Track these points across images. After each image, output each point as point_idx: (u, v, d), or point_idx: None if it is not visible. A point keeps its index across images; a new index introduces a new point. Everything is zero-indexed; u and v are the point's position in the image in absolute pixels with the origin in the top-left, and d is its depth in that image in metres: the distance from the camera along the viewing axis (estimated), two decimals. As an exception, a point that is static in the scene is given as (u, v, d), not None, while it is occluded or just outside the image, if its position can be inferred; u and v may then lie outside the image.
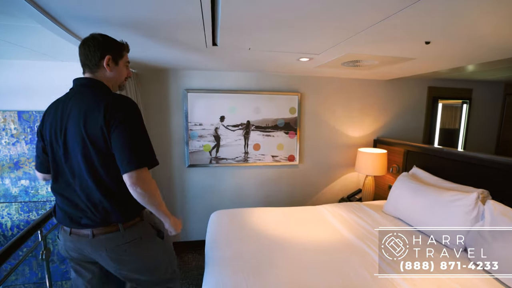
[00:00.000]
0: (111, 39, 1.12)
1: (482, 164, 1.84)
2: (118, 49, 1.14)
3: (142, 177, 1.02)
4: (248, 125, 2.74)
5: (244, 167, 2.82)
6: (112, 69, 1.12)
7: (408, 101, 3.09)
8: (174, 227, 1.21)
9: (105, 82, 1.13)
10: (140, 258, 1.16)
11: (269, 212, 2.18)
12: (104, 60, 1.09)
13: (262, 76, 2.72)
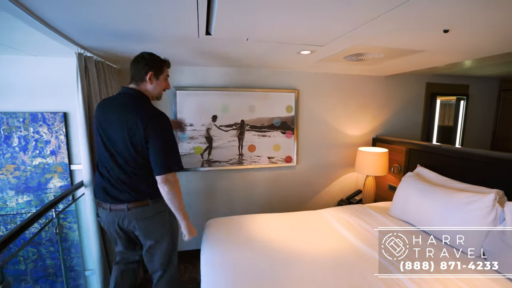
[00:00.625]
0: (155, 57, 1.40)
1: (492, 163, 1.74)
2: (160, 66, 1.41)
3: (169, 179, 1.32)
4: (243, 125, 2.56)
5: (238, 170, 2.63)
6: (152, 82, 1.40)
7: (406, 98, 3.00)
8: (188, 231, 1.43)
9: (146, 93, 1.40)
10: (158, 226, 1.43)
11: (269, 219, 2.01)
12: (147, 75, 1.37)
13: (257, 73, 2.54)
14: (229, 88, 2.48)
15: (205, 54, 1.91)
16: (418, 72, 2.79)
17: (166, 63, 1.45)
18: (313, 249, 1.62)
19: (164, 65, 1.44)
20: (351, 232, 1.80)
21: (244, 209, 2.70)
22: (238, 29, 1.32)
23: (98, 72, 1.77)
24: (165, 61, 1.44)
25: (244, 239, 1.72)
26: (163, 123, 1.33)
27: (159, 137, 1.29)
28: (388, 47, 1.63)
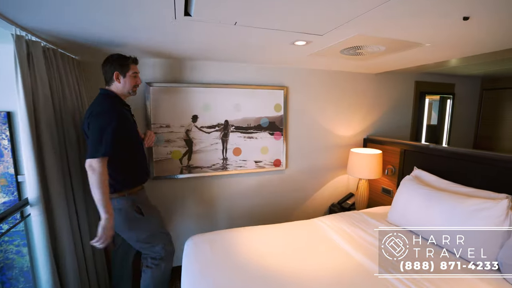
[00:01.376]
0: (119, 57, 1.50)
1: (496, 165, 1.64)
2: (124, 64, 1.49)
3: (91, 165, 1.31)
4: (227, 126, 2.29)
5: (222, 176, 2.37)
6: (120, 81, 1.50)
7: (396, 97, 2.90)
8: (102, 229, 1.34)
9: (116, 91, 1.52)
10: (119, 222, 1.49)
11: (259, 233, 1.77)
12: (114, 75, 1.49)
13: (243, 68, 2.29)
14: (212, 84, 2.20)
15: (184, 44, 1.63)
16: (407, 70, 2.70)
17: (131, 59, 1.52)
18: (312, 268, 1.40)
19: (129, 62, 1.51)
20: (352, 246, 1.61)
21: (229, 220, 2.44)
22: (225, 9, 1.07)
23: (48, 61, 1.43)
24: (129, 58, 1.51)
25: (233, 262, 1.46)
26: (102, 119, 1.37)
27: (92, 128, 1.36)
28: (395, 38, 1.45)
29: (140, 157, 1.62)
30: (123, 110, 1.50)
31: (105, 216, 1.32)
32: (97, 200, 1.31)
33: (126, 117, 1.50)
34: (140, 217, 1.52)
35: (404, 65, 2.31)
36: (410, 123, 3.01)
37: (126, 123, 1.48)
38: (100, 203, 1.31)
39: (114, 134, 1.36)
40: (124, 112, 1.50)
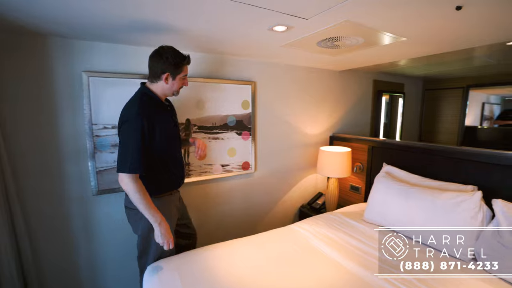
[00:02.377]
0: (175, 56, 1.31)
1: (458, 158, 1.71)
2: (177, 66, 1.32)
3: (122, 179, 1.23)
4: (189, 126, 1.97)
5: (185, 185, 2.03)
6: (168, 82, 1.34)
7: (357, 94, 2.95)
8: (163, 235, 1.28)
9: (158, 90, 1.37)
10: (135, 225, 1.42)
11: (236, 249, 1.52)
12: (164, 75, 1.32)
13: (206, 58, 1.99)
14: (169, 77, 1.86)
15: (132, 23, 1.28)
16: (367, 68, 2.77)
17: (186, 60, 1.35)
18: (302, 285, 1.22)
19: (183, 64, 1.35)
20: (340, 253, 1.48)
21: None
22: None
23: None
24: (184, 59, 1.34)
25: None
26: (128, 127, 1.26)
27: (120, 139, 1.30)
28: (379, 28, 1.36)
29: (172, 165, 1.45)
30: (155, 115, 1.31)
31: (155, 225, 1.27)
32: (140, 210, 1.25)
33: (156, 123, 1.30)
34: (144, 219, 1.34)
35: (369, 62, 2.33)
36: (369, 121, 3.11)
37: (156, 129, 1.30)
38: (144, 213, 1.26)
39: (140, 148, 1.23)
40: (155, 117, 1.31)
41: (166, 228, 1.29)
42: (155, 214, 1.26)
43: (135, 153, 1.22)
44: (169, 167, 1.42)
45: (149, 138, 1.27)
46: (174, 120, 1.49)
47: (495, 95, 3.51)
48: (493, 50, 2.19)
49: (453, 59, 2.52)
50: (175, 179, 1.48)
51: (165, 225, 1.29)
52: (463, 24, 1.32)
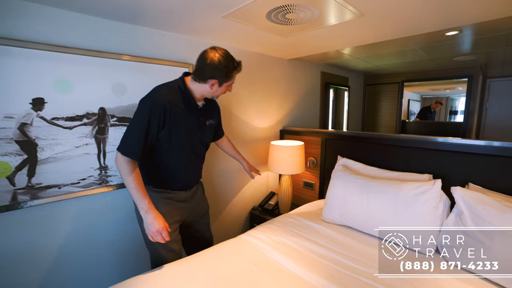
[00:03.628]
0: (228, 64, 1.20)
1: (415, 147, 1.65)
2: (227, 75, 1.22)
3: (117, 158, 1.17)
4: (103, 117, 1.48)
5: (100, 196, 1.53)
6: (213, 88, 1.25)
7: (306, 86, 2.81)
8: (149, 225, 1.15)
9: (198, 91, 1.28)
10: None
11: (176, 275, 1.12)
12: (210, 81, 1.22)
13: (128, 29, 1.52)
14: (73, 49, 1.34)
15: None
16: (314, 58, 2.66)
17: (238, 69, 1.26)
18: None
19: (234, 73, 1.26)
20: (305, 265, 1.22)
21: (119, 260, 1.63)
22: None
23: None
24: (236, 68, 1.25)
25: None
26: (141, 108, 1.19)
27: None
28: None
29: (176, 168, 1.32)
30: (175, 110, 1.22)
31: (142, 213, 1.15)
32: (130, 194, 1.16)
33: (172, 119, 1.21)
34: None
35: (319, 48, 2.17)
36: (318, 114, 3.02)
37: (167, 125, 1.20)
38: (133, 198, 1.16)
39: (142, 135, 1.16)
40: (173, 113, 1.21)
41: (154, 217, 1.15)
42: (143, 200, 1.15)
43: (136, 138, 1.16)
44: (171, 169, 1.31)
45: (157, 129, 1.18)
46: (202, 122, 1.36)
47: (416, 92, 3.85)
48: (429, 43, 2.27)
49: (391, 51, 2.58)
50: (174, 183, 1.34)
51: (153, 213, 1.15)
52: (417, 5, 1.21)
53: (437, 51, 2.53)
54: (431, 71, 3.38)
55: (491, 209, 1.18)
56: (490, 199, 1.21)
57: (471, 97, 3.30)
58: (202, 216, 1.56)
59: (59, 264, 1.41)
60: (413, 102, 3.84)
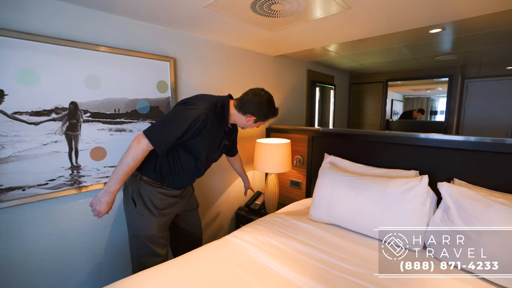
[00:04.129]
0: (269, 109, 1.37)
1: (400, 143, 1.64)
2: (265, 117, 1.38)
3: (139, 137, 1.19)
4: (75, 112, 1.37)
5: (72, 198, 1.41)
6: (248, 122, 1.38)
7: (292, 84, 2.78)
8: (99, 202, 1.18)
9: (234, 116, 1.39)
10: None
11: (159, 281, 1.03)
12: (249, 116, 1.35)
13: (103, 18, 1.41)
14: (40, 37, 1.22)
15: None
16: (300, 55, 2.63)
17: (275, 115, 1.42)
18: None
19: (270, 117, 1.41)
20: (292, 267, 1.16)
21: (105, 273, 1.52)
22: None
23: None
24: (274, 114, 1.41)
25: None
26: (186, 111, 1.23)
27: (171, 112, 1.27)
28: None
29: (187, 169, 1.36)
30: (211, 124, 1.28)
31: (105, 188, 1.17)
32: (115, 170, 1.17)
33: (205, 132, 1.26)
34: (132, 208, 1.31)
35: (305, 44, 2.13)
36: (305, 112, 2.99)
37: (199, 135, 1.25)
38: (113, 176, 1.17)
39: (176, 136, 1.21)
40: (209, 127, 1.27)
41: (108, 201, 1.17)
42: (117, 184, 1.17)
43: (170, 136, 1.20)
44: (177, 170, 1.33)
45: (189, 136, 1.23)
46: (225, 140, 1.45)
47: (399, 92, 3.93)
48: (414, 41, 2.29)
49: (376, 49, 2.59)
50: (174, 182, 1.36)
51: (110, 198, 1.18)
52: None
53: (420, 50, 2.56)
54: (414, 71, 3.45)
55: (476, 204, 1.17)
56: (475, 194, 1.21)
57: (452, 96, 3.39)
58: (193, 210, 1.59)
59: (25, 275, 1.28)
60: (396, 102, 3.91)
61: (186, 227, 1.59)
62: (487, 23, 1.81)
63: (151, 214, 1.31)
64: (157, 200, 1.33)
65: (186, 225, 1.58)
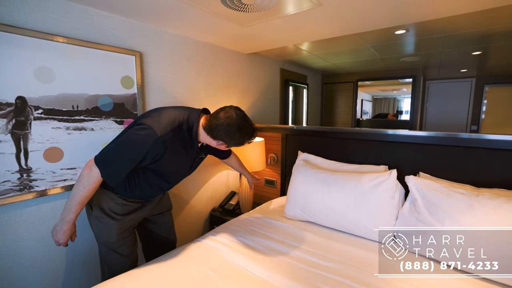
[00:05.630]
0: (241, 136, 1.17)
1: (370, 139, 1.69)
2: (238, 145, 1.22)
3: (88, 165, 1.07)
4: (23, 108, 1.22)
5: (22, 204, 1.26)
6: (214, 144, 1.21)
7: (266, 82, 2.77)
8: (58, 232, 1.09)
9: (202, 137, 1.22)
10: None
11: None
12: (219, 141, 1.18)
13: (59, 7, 1.28)
14: (-29, 22, 1.07)
15: None
16: (273, 54, 2.63)
17: (250, 140, 1.23)
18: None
19: (244, 144, 1.23)
20: (266, 266, 1.13)
21: (67, 285, 1.37)
22: None
23: None
24: (249, 139, 1.22)
25: None
26: (139, 137, 1.07)
27: (124, 137, 1.10)
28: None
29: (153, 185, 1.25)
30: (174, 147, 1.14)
31: (61, 217, 1.09)
32: (68, 199, 1.08)
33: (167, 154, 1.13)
34: (89, 213, 1.23)
35: (277, 42, 2.13)
36: (278, 110, 2.99)
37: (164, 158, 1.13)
38: (67, 205, 1.08)
39: (129, 168, 1.09)
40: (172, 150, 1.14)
41: (65, 230, 1.09)
42: (73, 214, 1.08)
43: (123, 169, 1.08)
44: (142, 187, 1.23)
45: (148, 162, 1.12)
46: (196, 161, 1.34)
47: (368, 93, 4.12)
48: (380, 41, 2.38)
49: (346, 49, 2.67)
50: (140, 196, 1.26)
51: (65, 227, 1.09)
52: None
53: (387, 51, 2.68)
54: (382, 71, 3.61)
55: (440, 195, 1.23)
56: (439, 186, 1.27)
57: (415, 96, 3.60)
58: (164, 213, 1.48)
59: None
60: (366, 102, 4.08)
61: (158, 231, 1.48)
62: (444, 27, 1.94)
63: (110, 219, 1.20)
64: (116, 206, 1.21)
65: (158, 229, 1.47)
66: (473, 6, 1.41)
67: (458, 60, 3.15)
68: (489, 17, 1.71)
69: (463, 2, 1.35)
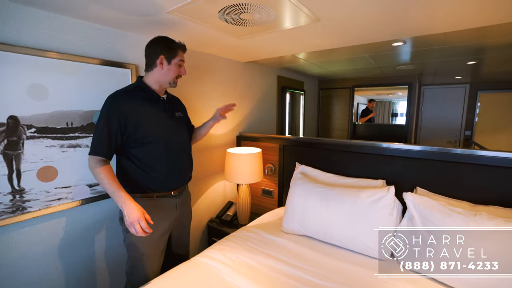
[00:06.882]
0: (168, 40, 1.27)
1: (368, 153, 1.69)
2: (172, 49, 1.26)
3: (89, 162, 1.17)
4: (15, 128, 1.19)
5: (14, 227, 1.23)
6: (164, 68, 1.27)
7: (263, 90, 2.76)
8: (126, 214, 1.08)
9: (154, 80, 1.29)
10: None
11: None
12: (158, 59, 1.25)
13: (52, 21, 1.25)
14: (-39, 41, 1.03)
15: None
16: (270, 62, 2.62)
17: (181, 47, 1.30)
18: None
19: (178, 49, 1.29)
20: (266, 287, 1.13)
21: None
22: None
23: None
24: (179, 45, 1.29)
25: None
26: (102, 109, 1.20)
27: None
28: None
29: (157, 160, 1.27)
30: (137, 104, 1.23)
31: (120, 206, 1.10)
32: (108, 192, 1.13)
33: (135, 113, 1.21)
34: (124, 228, 1.22)
35: (275, 52, 2.12)
36: (275, 118, 2.99)
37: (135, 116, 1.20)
38: (111, 196, 1.12)
39: (105, 132, 1.15)
40: (136, 106, 1.23)
41: (131, 207, 1.08)
42: (117, 191, 1.11)
43: (99, 137, 1.15)
44: (152, 169, 1.25)
45: (118, 124, 1.17)
46: (171, 114, 1.35)
47: (364, 96, 4.14)
48: (377, 52, 2.39)
49: (343, 58, 2.68)
50: (155, 178, 1.27)
51: (130, 204, 1.08)
52: (371, 16, 1.22)
53: (383, 60, 2.69)
54: (378, 78, 3.63)
55: (437, 213, 1.23)
56: (436, 204, 1.27)
57: (411, 102, 3.63)
58: (185, 227, 1.52)
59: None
60: (361, 105, 4.10)
61: (175, 247, 1.47)
62: (441, 40, 1.95)
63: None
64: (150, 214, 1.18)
65: (176, 245, 1.47)
66: (468, 24, 1.42)
67: (453, 68, 3.18)
68: (483, 33, 1.73)
69: (459, 20, 1.36)
